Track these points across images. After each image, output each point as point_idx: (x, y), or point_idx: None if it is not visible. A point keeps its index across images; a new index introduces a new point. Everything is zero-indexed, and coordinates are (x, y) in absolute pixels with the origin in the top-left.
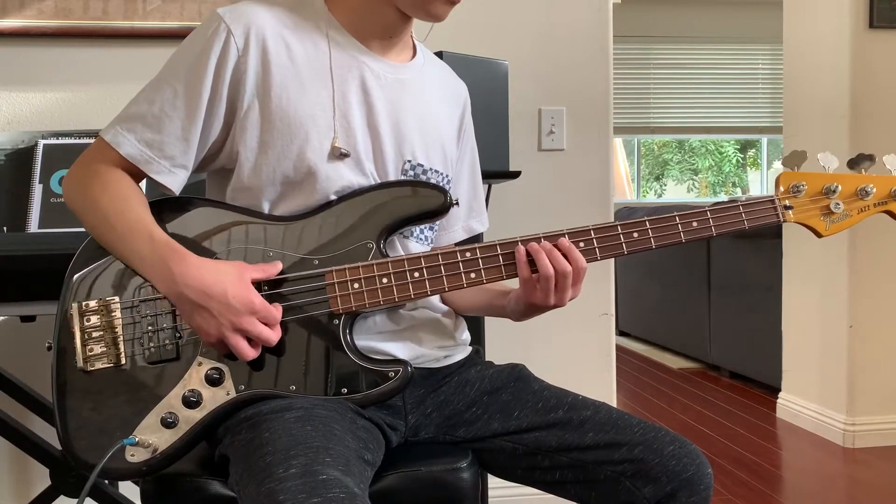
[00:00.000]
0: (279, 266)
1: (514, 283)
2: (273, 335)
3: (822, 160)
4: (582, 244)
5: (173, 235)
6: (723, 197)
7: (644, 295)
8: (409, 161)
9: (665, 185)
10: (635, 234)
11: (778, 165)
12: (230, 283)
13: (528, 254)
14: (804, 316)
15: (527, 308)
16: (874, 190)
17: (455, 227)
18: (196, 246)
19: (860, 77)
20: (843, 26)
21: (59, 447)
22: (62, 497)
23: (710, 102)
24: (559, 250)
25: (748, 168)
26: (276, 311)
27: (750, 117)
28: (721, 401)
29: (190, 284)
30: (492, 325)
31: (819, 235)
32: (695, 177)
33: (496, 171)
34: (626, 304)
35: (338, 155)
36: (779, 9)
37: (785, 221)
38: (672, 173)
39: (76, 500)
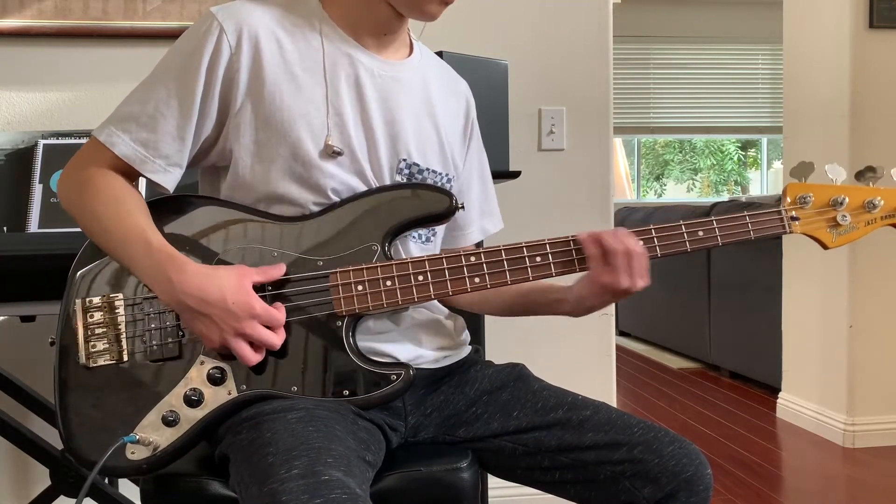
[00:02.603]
0: (282, 269)
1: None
2: (276, 338)
3: (829, 172)
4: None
5: (174, 235)
6: (724, 196)
7: (644, 295)
8: (405, 160)
9: (665, 185)
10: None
11: (778, 165)
12: (229, 289)
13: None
14: (804, 316)
15: (597, 291)
16: (882, 203)
17: (471, 229)
18: (197, 245)
19: (860, 77)
20: (843, 26)
21: (60, 447)
22: (62, 497)
23: (710, 102)
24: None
25: (748, 167)
26: (278, 313)
27: (750, 117)
28: (721, 401)
29: (188, 292)
30: (492, 325)
31: (825, 247)
32: (695, 176)
33: (496, 171)
34: (626, 304)
35: (331, 153)
36: (779, 9)
37: (791, 233)
38: (672, 173)
39: (76, 500)
